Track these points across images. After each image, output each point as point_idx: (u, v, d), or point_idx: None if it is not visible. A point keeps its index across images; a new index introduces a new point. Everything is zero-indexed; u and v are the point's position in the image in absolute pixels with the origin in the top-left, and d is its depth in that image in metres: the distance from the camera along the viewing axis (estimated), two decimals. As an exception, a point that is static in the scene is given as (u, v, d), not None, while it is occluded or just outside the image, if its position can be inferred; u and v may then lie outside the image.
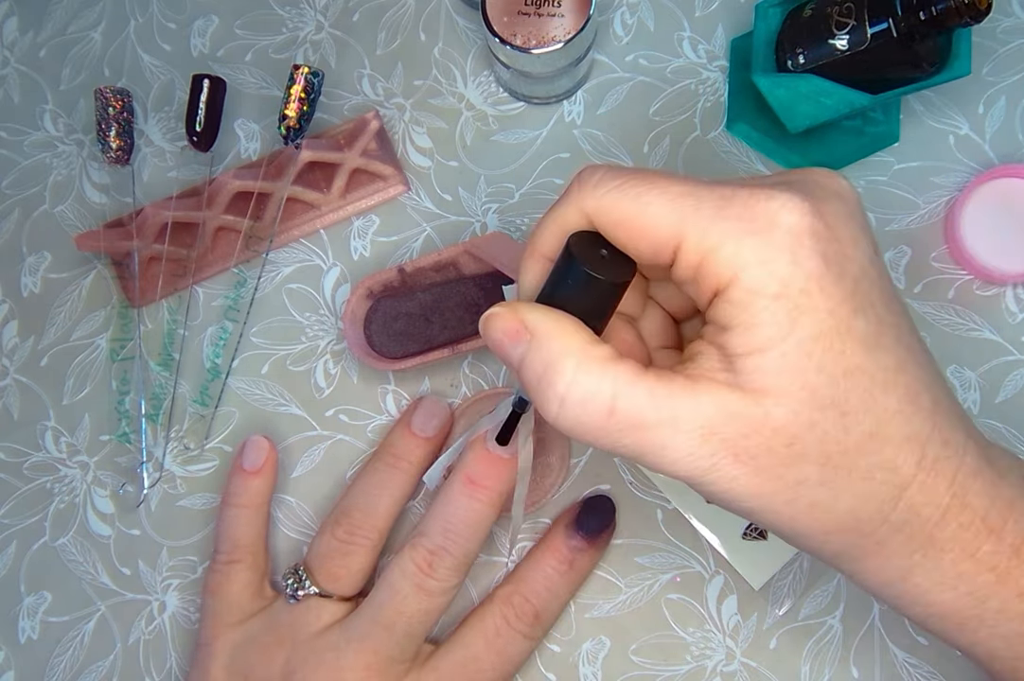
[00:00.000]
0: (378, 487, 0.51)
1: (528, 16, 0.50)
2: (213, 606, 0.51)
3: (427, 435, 0.52)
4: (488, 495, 0.46)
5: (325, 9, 0.60)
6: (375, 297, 0.54)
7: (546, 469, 0.53)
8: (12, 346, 0.58)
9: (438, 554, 0.46)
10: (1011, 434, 0.52)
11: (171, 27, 0.60)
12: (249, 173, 0.55)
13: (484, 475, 0.46)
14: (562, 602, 0.51)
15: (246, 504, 0.52)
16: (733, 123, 0.56)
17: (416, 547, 0.46)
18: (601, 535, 0.51)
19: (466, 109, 0.58)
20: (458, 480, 0.47)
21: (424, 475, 0.50)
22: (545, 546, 0.51)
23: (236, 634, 0.49)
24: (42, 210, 0.59)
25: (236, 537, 0.52)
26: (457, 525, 0.46)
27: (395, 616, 0.46)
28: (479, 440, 0.47)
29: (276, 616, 0.49)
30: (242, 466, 0.53)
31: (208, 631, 0.50)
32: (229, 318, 0.56)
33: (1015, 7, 0.56)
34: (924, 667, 0.51)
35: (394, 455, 0.51)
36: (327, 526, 0.50)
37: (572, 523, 0.51)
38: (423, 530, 0.47)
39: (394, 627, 0.46)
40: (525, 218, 0.56)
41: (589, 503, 0.52)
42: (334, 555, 0.49)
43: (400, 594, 0.46)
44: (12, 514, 0.56)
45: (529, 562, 0.51)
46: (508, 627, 0.49)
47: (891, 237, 0.55)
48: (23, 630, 0.55)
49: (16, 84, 0.61)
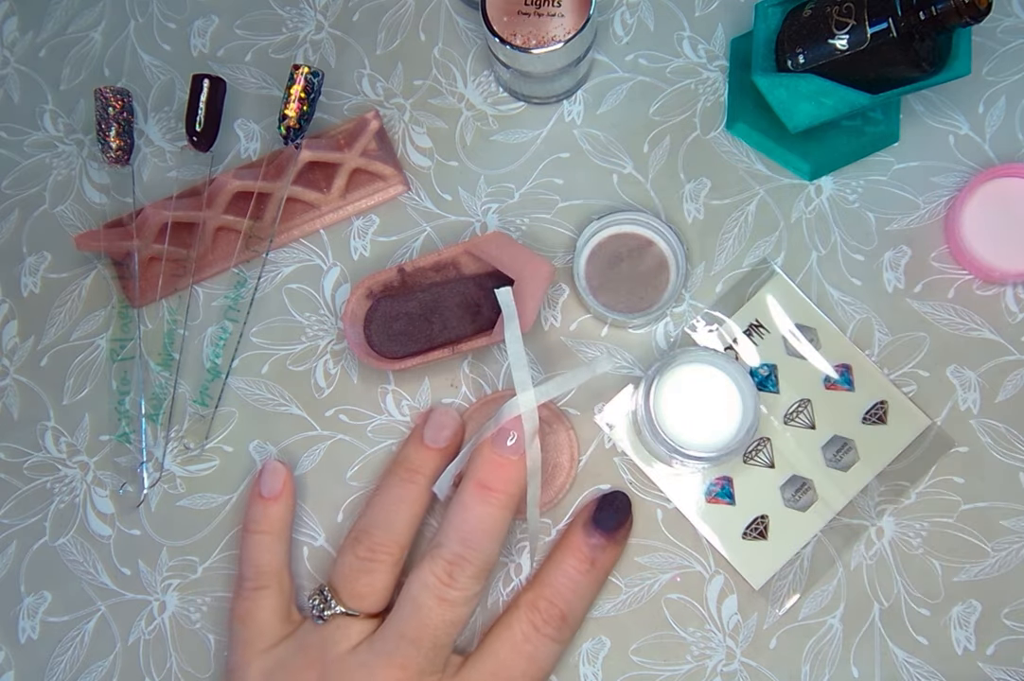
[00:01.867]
0: (396, 503, 0.50)
1: (528, 16, 0.50)
2: (243, 633, 0.50)
3: (440, 446, 0.51)
4: (501, 498, 0.46)
5: (325, 9, 0.59)
6: (375, 297, 0.54)
7: (556, 469, 0.53)
8: (12, 346, 0.58)
9: (457, 564, 0.46)
10: (1011, 434, 0.53)
11: (171, 27, 0.60)
12: (249, 173, 0.55)
13: (495, 479, 0.46)
14: (587, 602, 0.51)
15: (267, 530, 0.52)
16: (733, 123, 0.56)
17: (435, 559, 0.46)
18: (620, 530, 0.51)
19: (466, 109, 0.58)
20: (469, 487, 0.47)
21: (434, 485, 0.50)
22: (565, 547, 0.50)
23: (267, 660, 0.49)
24: (42, 210, 0.59)
25: (260, 563, 0.51)
26: (473, 532, 0.46)
27: (421, 630, 0.46)
28: (485, 445, 0.47)
29: (304, 638, 0.49)
30: (260, 493, 0.52)
31: (239, 658, 0.50)
32: (229, 318, 0.56)
33: (1015, 7, 0.56)
34: (924, 667, 0.51)
35: (409, 469, 0.51)
36: (348, 545, 0.50)
37: (589, 521, 0.51)
38: (440, 541, 0.46)
39: (421, 641, 0.46)
40: (525, 218, 0.56)
41: (605, 499, 0.52)
42: (358, 574, 0.49)
43: (424, 607, 0.46)
44: (12, 514, 0.56)
45: (550, 565, 0.50)
46: (536, 632, 0.48)
47: (891, 237, 0.55)
48: (23, 630, 0.55)
49: (16, 84, 0.61)
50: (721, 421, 0.48)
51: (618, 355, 0.55)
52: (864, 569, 0.52)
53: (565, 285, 0.56)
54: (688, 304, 0.55)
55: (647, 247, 0.54)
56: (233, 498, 0.55)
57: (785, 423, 0.53)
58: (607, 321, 0.54)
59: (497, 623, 0.50)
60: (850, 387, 0.53)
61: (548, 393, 0.47)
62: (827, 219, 0.55)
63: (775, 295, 0.54)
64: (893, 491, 0.52)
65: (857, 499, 0.52)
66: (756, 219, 0.55)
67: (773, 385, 0.53)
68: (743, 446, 0.48)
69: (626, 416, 0.54)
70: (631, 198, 0.56)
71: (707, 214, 0.56)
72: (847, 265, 0.55)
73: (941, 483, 0.52)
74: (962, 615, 0.51)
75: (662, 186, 0.56)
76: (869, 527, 0.52)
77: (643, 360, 0.55)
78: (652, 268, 0.54)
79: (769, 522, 0.52)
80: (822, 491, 0.52)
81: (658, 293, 0.54)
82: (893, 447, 0.53)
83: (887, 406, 0.53)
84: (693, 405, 0.49)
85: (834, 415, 0.53)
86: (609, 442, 0.54)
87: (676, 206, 0.56)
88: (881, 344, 0.54)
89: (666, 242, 0.54)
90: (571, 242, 0.56)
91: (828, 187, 0.55)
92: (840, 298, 0.54)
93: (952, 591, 0.52)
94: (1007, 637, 0.51)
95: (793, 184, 0.55)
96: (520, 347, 0.47)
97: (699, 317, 0.55)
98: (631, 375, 0.54)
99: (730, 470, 0.53)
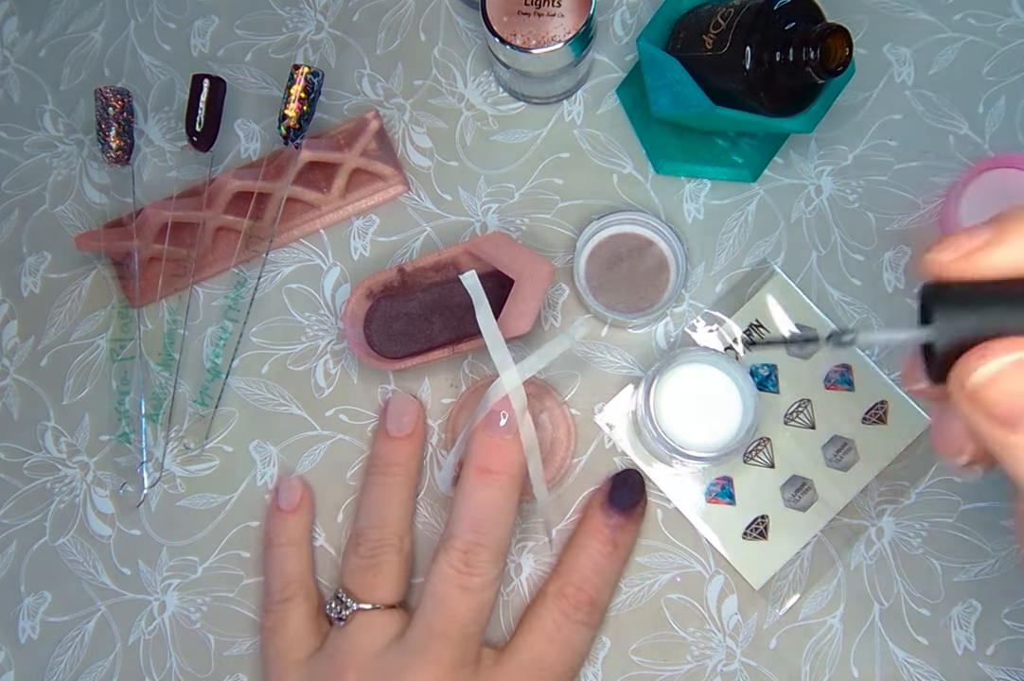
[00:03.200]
0: (381, 500, 0.51)
1: (528, 16, 0.50)
2: (276, 645, 0.50)
3: (405, 432, 0.52)
4: (503, 479, 0.46)
5: (325, 9, 0.59)
6: (375, 297, 0.54)
7: (555, 445, 0.53)
8: (12, 346, 0.58)
9: (472, 551, 0.46)
10: (1011, 434, 0.52)
11: (171, 27, 0.60)
12: (249, 173, 0.55)
13: (493, 461, 0.46)
14: (612, 583, 0.51)
15: (289, 542, 0.52)
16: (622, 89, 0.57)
17: (449, 550, 0.46)
18: (636, 507, 0.51)
19: (466, 109, 0.58)
20: (470, 473, 0.47)
21: (438, 480, 0.50)
22: (585, 531, 0.51)
23: (302, 671, 0.49)
24: (42, 210, 0.59)
25: (287, 574, 0.52)
26: (483, 517, 0.46)
27: (448, 622, 0.46)
28: (478, 429, 0.47)
29: (333, 645, 0.49)
30: (279, 507, 0.53)
31: (274, 671, 0.50)
32: (229, 318, 0.56)
33: (1015, 7, 0.56)
34: (924, 667, 0.51)
35: (384, 465, 0.52)
36: (349, 550, 0.51)
37: (606, 502, 0.51)
38: (452, 532, 0.47)
39: (450, 633, 0.46)
40: (525, 218, 0.56)
41: (618, 478, 0.52)
42: (366, 571, 0.49)
43: (447, 599, 0.46)
44: (12, 514, 0.56)
45: (573, 550, 0.51)
46: (567, 620, 0.49)
47: (891, 237, 0.55)
48: (23, 630, 0.55)
49: (16, 84, 0.61)
50: (721, 421, 0.48)
51: (618, 355, 0.55)
52: (864, 569, 0.52)
53: (565, 285, 0.56)
54: (688, 304, 0.55)
55: (647, 247, 0.54)
56: (233, 498, 0.55)
57: (785, 423, 0.53)
58: (607, 321, 0.54)
59: (527, 614, 0.50)
60: (850, 387, 0.53)
61: (531, 368, 0.46)
62: (827, 219, 0.55)
63: (775, 295, 0.54)
64: (893, 491, 0.52)
65: (857, 499, 0.52)
66: (756, 219, 0.55)
67: (773, 385, 0.53)
68: (743, 446, 0.48)
69: (626, 416, 0.54)
70: (631, 198, 0.56)
71: (707, 214, 0.56)
72: (847, 265, 0.55)
73: (941, 483, 0.52)
74: (962, 615, 0.51)
75: (662, 186, 0.56)
76: (869, 527, 0.52)
77: (643, 360, 0.55)
78: (652, 268, 0.54)
79: (769, 522, 0.52)
80: (822, 491, 0.52)
81: (658, 293, 0.54)
82: (893, 447, 0.53)
83: (887, 406, 0.53)
84: (693, 405, 0.49)
85: (834, 415, 0.53)
86: (609, 442, 0.54)
87: (676, 206, 0.56)
88: (881, 344, 0.54)
89: (666, 242, 0.54)
90: (571, 242, 0.56)
91: (828, 187, 0.55)
92: (840, 298, 0.54)
93: (952, 591, 0.51)
94: (1007, 637, 0.51)
95: (793, 184, 0.55)
96: (494, 328, 0.47)
97: (699, 317, 0.55)
98: (631, 375, 0.54)
99: (730, 470, 0.53)
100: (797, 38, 0.44)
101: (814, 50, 0.43)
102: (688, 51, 0.49)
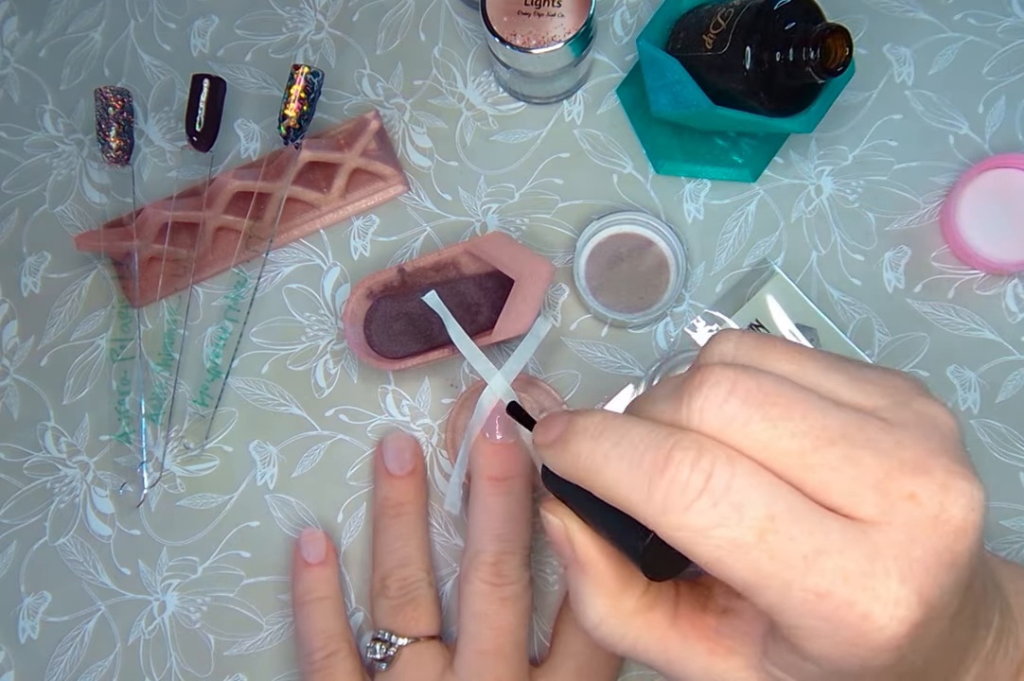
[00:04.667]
0: (398, 541, 0.51)
1: (528, 16, 0.50)
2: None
3: (408, 470, 0.52)
4: (515, 484, 0.46)
5: (325, 9, 0.59)
6: (375, 297, 0.54)
7: None
8: (12, 346, 0.58)
9: (502, 561, 0.46)
10: (1011, 434, 0.52)
11: (171, 27, 0.60)
12: (249, 173, 0.55)
13: (501, 467, 0.47)
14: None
15: (325, 595, 0.51)
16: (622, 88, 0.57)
17: (479, 567, 0.46)
18: None
19: (466, 109, 0.58)
20: (482, 484, 0.47)
21: (447, 504, 0.50)
22: None
23: None
24: (42, 210, 0.59)
25: (328, 629, 0.50)
26: (504, 526, 0.46)
27: (497, 637, 0.46)
28: (480, 440, 0.47)
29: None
30: (306, 561, 0.52)
31: None
32: (229, 318, 0.56)
33: (1015, 7, 0.56)
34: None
35: (393, 506, 0.51)
36: (377, 594, 0.50)
37: None
38: (477, 547, 0.46)
39: (502, 648, 0.46)
40: (525, 218, 0.56)
41: None
42: (403, 608, 0.49)
43: (489, 616, 0.46)
44: (12, 514, 0.56)
45: None
46: None
47: (891, 237, 0.55)
48: (23, 630, 0.55)
49: (16, 84, 0.61)
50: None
51: (618, 355, 0.55)
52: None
53: (565, 285, 0.56)
54: (688, 304, 0.55)
55: (647, 247, 0.54)
56: (233, 498, 0.55)
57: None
58: (607, 321, 0.54)
59: (559, 623, 0.50)
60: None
61: (513, 370, 0.49)
62: (827, 219, 0.55)
63: (775, 295, 0.54)
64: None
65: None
66: (756, 219, 0.55)
67: (773, 385, 0.53)
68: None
69: (626, 416, 0.54)
70: (631, 198, 0.56)
71: (707, 214, 0.56)
72: (847, 265, 0.55)
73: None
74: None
75: (662, 186, 0.56)
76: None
77: (643, 360, 0.55)
78: (652, 268, 0.54)
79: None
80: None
81: (658, 293, 0.54)
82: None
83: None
84: (693, 405, 0.48)
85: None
86: (609, 442, 0.54)
87: (676, 206, 0.56)
88: (881, 344, 0.54)
89: (666, 242, 0.54)
90: (571, 242, 0.56)
91: (828, 187, 0.55)
92: (840, 298, 0.54)
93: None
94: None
95: (793, 184, 0.55)
96: (468, 341, 0.49)
97: (699, 317, 0.55)
98: (631, 375, 0.54)
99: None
100: (797, 38, 0.44)
101: (814, 50, 0.43)
102: (688, 51, 0.49)
